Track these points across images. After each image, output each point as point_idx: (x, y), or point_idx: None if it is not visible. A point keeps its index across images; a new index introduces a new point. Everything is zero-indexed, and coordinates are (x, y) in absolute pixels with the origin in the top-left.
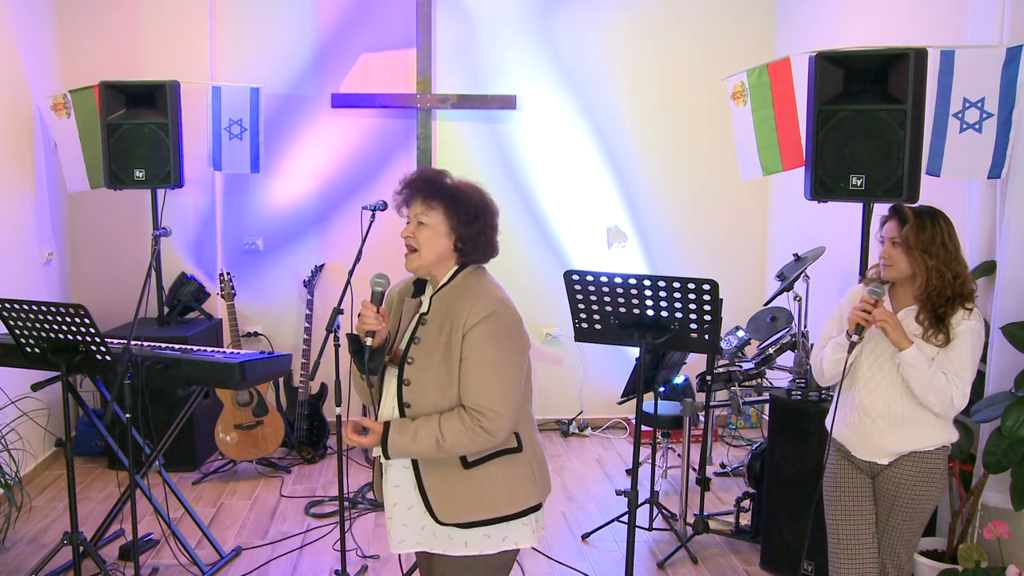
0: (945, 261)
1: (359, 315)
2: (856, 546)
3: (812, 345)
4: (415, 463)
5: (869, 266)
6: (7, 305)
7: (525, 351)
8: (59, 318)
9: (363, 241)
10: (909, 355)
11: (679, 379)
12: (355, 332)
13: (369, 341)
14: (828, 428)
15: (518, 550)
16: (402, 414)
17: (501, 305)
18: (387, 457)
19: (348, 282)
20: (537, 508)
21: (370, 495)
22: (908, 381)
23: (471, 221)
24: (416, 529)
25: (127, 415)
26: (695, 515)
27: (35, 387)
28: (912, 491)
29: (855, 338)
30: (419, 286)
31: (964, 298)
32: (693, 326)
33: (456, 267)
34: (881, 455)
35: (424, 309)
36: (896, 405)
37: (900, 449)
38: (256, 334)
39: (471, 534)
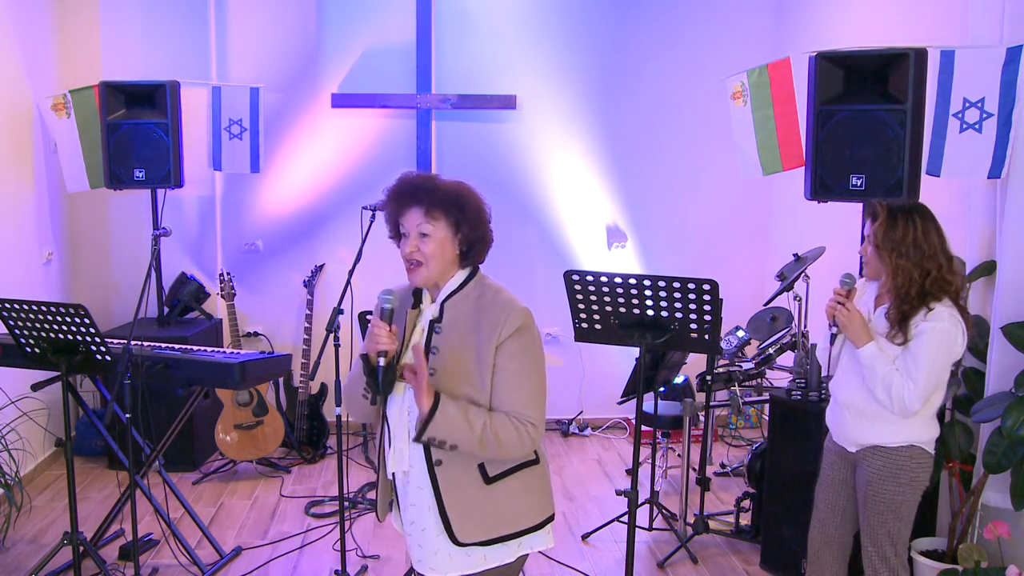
0: (916, 261)
1: (371, 335)
2: (825, 519)
3: (812, 345)
4: (435, 482)
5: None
6: (7, 305)
7: (544, 360)
8: (59, 318)
9: (363, 241)
10: (865, 352)
11: (679, 379)
12: (364, 352)
13: (382, 361)
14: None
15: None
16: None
17: (529, 315)
18: (421, 434)
19: (348, 282)
20: (552, 518)
21: (371, 495)
22: (865, 378)
23: (477, 224)
24: (430, 553)
25: (127, 415)
26: (695, 515)
27: (35, 387)
28: (880, 485)
29: (834, 330)
30: (415, 294)
31: (933, 297)
32: (693, 326)
33: (461, 270)
34: (848, 443)
35: (433, 317)
36: (858, 398)
37: (862, 441)
38: (256, 334)
39: (489, 549)
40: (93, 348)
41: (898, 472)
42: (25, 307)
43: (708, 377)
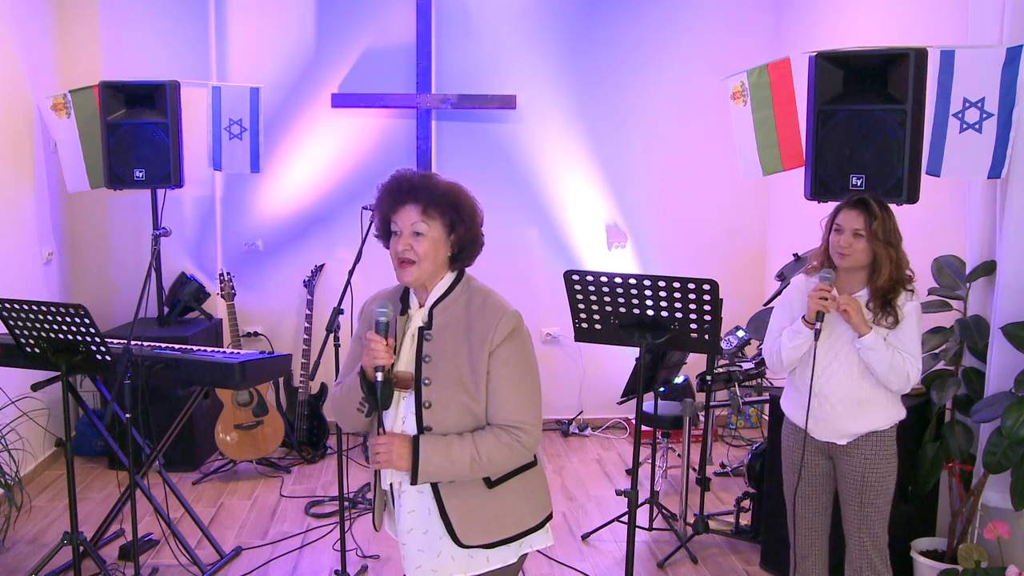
0: (898, 249)
1: (368, 349)
2: (811, 517)
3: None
4: (435, 487)
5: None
6: (7, 305)
7: (537, 361)
8: (59, 318)
9: (363, 241)
10: (870, 340)
11: (679, 379)
12: (362, 367)
13: (380, 376)
14: (784, 410)
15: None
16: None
17: (520, 319)
18: (414, 481)
19: (348, 282)
20: (551, 516)
21: (371, 495)
22: (870, 365)
23: (471, 226)
24: (432, 555)
25: (127, 415)
26: (695, 515)
27: (35, 387)
28: (878, 469)
29: (818, 325)
30: (403, 299)
31: (906, 281)
32: (693, 326)
33: (449, 273)
34: (839, 436)
35: (422, 323)
36: (854, 389)
37: (857, 430)
38: (256, 334)
39: (493, 551)
40: (93, 348)
41: (890, 451)
42: (25, 307)
43: (708, 377)
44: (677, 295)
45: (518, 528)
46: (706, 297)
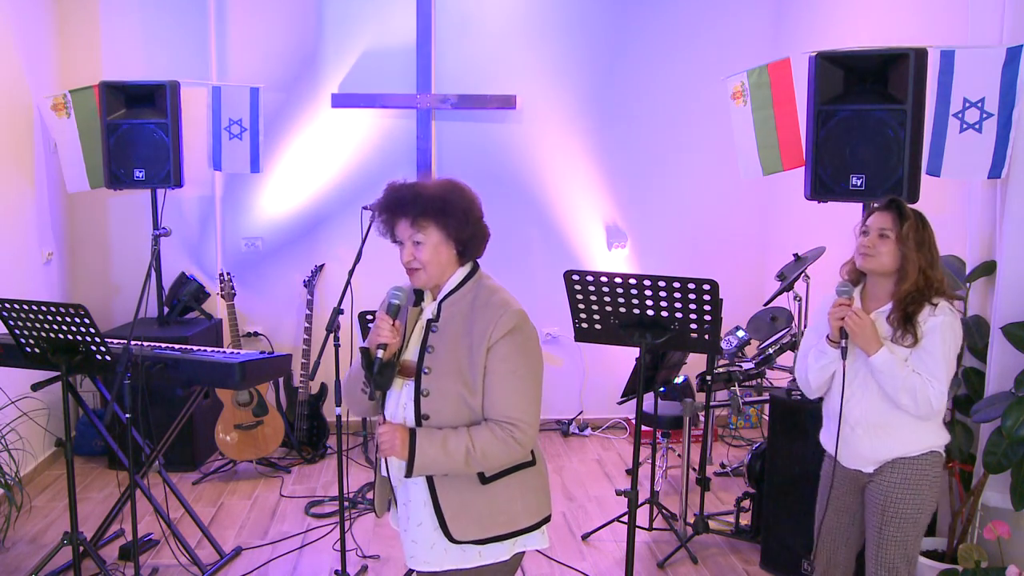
0: (931, 263)
1: (375, 327)
2: (833, 549)
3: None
4: (430, 479)
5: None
6: (7, 305)
7: (542, 362)
8: (59, 318)
9: (363, 241)
10: (879, 359)
11: (679, 379)
12: (366, 345)
13: (381, 354)
14: (821, 442)
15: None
16: (418, 426)
17: (523, 317)
18: (409, 473)
19: (348, 282)
20: (548, 518)
21: (371, 495)
22: (882, 386)
23: (466, 223)
24: (425, 547)
25: (127, 415)
26: (695, 515)
27: (35, 387)
28: (901, 499)
29: (843, 343)
30: (418, 292)
31: (936, 293)
32: (693, 326)
33: (460, 269)
34: (864, 463)
35: (431, 316)
36: (872, 412)
37: (882, 456)
38: (256, 334)
39: (485, 547)
40: (93, 348)
41: (919, 482)
42: (25, 307)
43: (708, 377)
44: (677, 295)
45: (510, 526)
46: (706, 297)
